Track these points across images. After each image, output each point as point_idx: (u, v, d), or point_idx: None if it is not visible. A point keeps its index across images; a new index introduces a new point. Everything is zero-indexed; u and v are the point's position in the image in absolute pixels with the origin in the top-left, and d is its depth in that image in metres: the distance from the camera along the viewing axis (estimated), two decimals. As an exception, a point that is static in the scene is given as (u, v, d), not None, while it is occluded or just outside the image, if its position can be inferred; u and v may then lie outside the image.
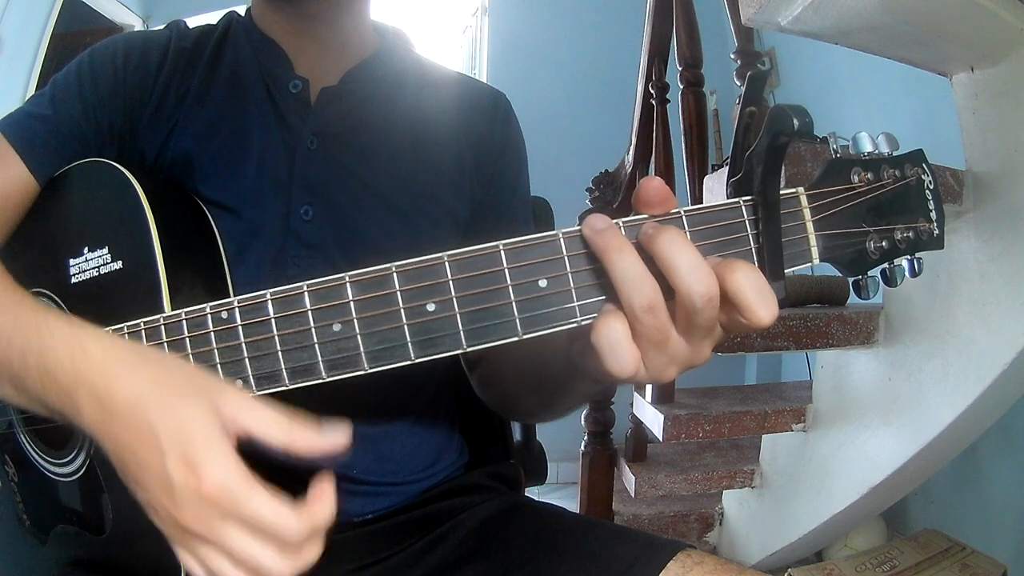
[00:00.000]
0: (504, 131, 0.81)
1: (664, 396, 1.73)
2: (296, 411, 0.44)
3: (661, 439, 1.68)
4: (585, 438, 1.93)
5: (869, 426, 1.50)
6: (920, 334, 1.40)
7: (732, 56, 1.71)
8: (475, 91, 0.82)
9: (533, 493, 0.89)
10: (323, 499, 0.44)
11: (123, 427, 0.44)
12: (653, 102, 1.93)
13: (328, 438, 0.44)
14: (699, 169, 1.67)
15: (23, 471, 0.68)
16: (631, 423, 1.92)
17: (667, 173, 1.85)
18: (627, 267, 0.41)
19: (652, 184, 0.44)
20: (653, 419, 1.69)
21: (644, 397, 1.78)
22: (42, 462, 0.65)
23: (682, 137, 1.72)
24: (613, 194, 2.04)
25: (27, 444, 0.66)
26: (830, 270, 0.47)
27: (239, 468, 0.42)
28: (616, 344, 0.42)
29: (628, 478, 1.87)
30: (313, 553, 0.44)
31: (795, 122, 0.41)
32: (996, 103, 1.23)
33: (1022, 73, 1.18)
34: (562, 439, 1.96)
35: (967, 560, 1.58)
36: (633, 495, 1.85)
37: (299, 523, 0.42)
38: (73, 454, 0.62)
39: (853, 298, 1.70)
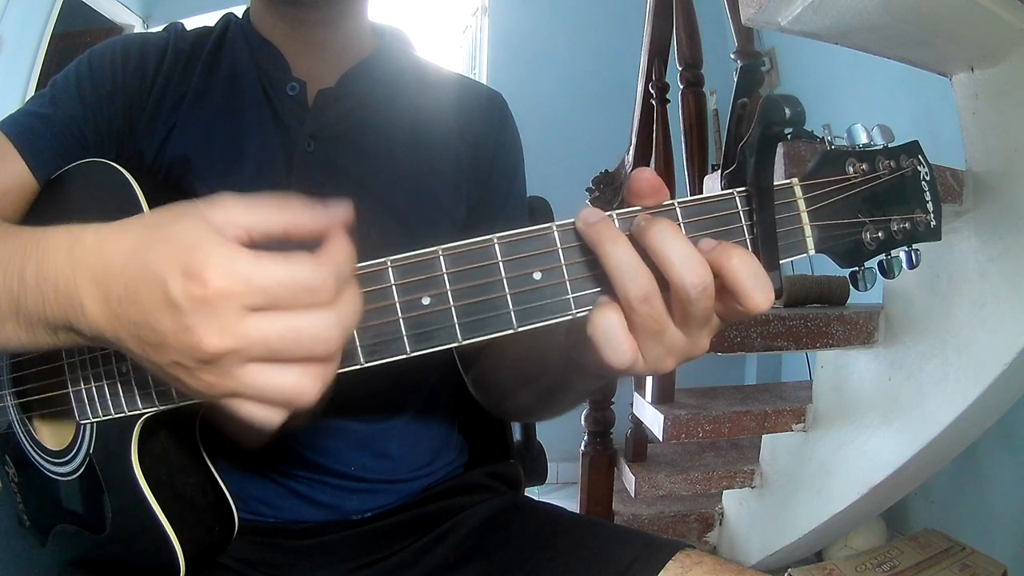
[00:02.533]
0: (500, 131, 0.81)
1: (664, 396, 1.73)
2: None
3: (661, 439, 1.68)
4: (585, 438, 1.93)
5: (869, 426, 1.50)
6: (920, 334, 1.40)
7: (732, 56, 1.71)
8: (472, 91, 0.82)
9: (533, 493, 0.89)
10: (338, 243, 0.40)
11: (123, 289, 0.39)
12: (653, 102, 1.94)
13: (328, 212, 0.41)
14: (699, 169, 1.67)
15: (23, 471, 0.68)
16: (631, 423, 1.92)
17: (667, 173, 1.85)
18: (621, 258, 0.41)
19: (644, 175, 0.44)
20: (653, 419, 1.69)
21: (644, 397, 1.78)
22: (42, 462, 0.65)
23: (682, 137, 1.72)
24: (613, 194, 2.04)
25: (27, 444, 0.66)
26: (830, 268, 0.47)
27: (243, 251, 0.38)
28: (612, 335, 0.42)
29: (628, 478, 1.87)
30: (353, 304, 0.40)
31: (787, 111, 0.41)
32: (996, 103, 1.23)
33: (1022, 73, 1.18)
34: (562, 439, 1.95)
35: (967, 560, 1.58)
36: (633, 495, 1.85)
37: (322, 269, 0.38)
38: (73, 453, 0.62)
39: (853, 298, 1.70)
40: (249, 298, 0.37)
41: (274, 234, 0.40)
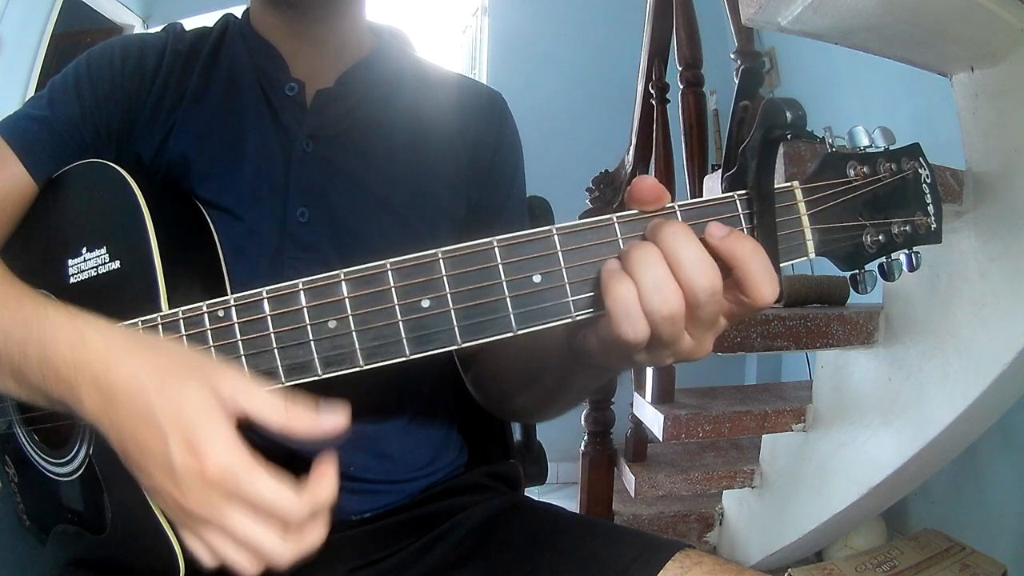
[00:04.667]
0: (500, 130, 0.81)
1: (664, 396, 1.73)
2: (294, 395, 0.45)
3: (661, 439, 1.68)
4: (585, 438, 1.93)
5: (869, 426, 1.50)
6: (920, 334, 1.40)
7: (732, 56, 1.71)
8: (472, 91, 0.82)
9: (533, 493, 0.89)
10: (324, 479, 0.44)
11: (124, 413, 0.44)
12: (653, 102, 1.93)
13: (325, 420, 0.44)
14: (699, 169, 1.67)
15: (23, 471, 0.68)
16: (631, 423, 1.92)
17: (667, 173, 1.85)
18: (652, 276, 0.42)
19: (646, 183, 0.44)
20: (653, 419, 1.69)
21: (644, 397, 1.78)
22: (42, 462, 0.65)
23: (682, 137, 1.72)
24: (613, 194, 2.04)
25: (27, 444, 0.66)
26: (830, 269, 0.47)
27: (241, 449, 0.43)
28: (632, 308, 0.42)
29: (628, 478, 1.87)
30: (316, 535, 0.45)
31: (788, 115, 0.41)
32: (996, 103, 1.23)
33: (1022, 73, 1.18)
34: (562, 439, 1.95)
35: (967, 560, 1.58)
36: (633, 495, 1.85)
37: (301, 503, 0.43)
38: (73, 453, 0.62)
39: (853, 298, 1.70)
40: (233, 496, 0.42)
41: (271, 429, 0.44)
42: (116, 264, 0.60)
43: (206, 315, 0.49)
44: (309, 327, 0.46)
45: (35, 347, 0.47)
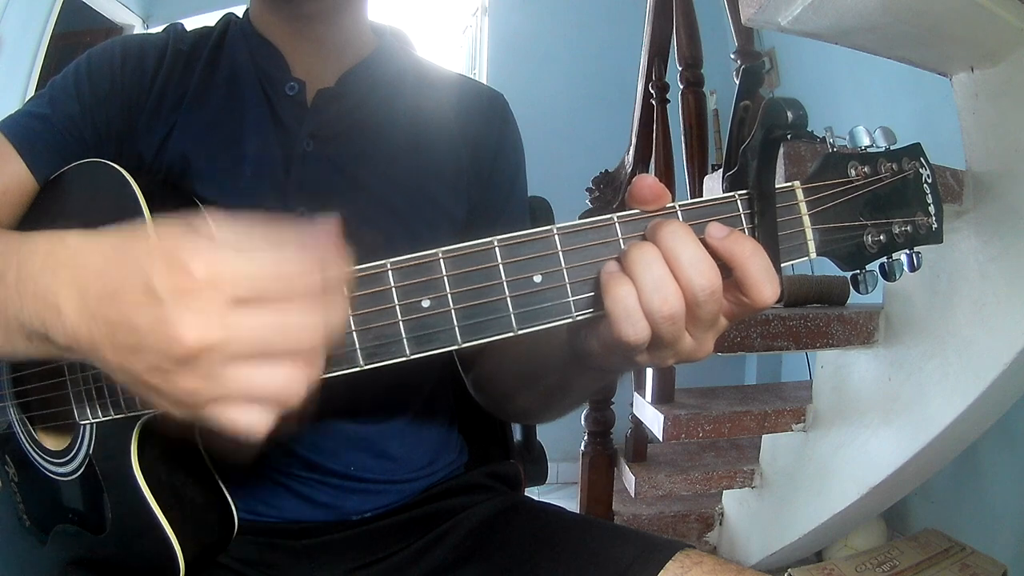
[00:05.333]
0: (501, 131, 0.81)
1: (664, 396, 1.74)
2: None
3: (661, 439, 1.68)
4: (585, 438, 1.93)
5: (869, 426, 1.50)
6: (920, 334, 1.40)
7: (732, 56, 1.71)
8: (473, 91, 0.82)
9: (533, 493, 0.89)
10: (327, 240, 0.39)
11: (103, 289, 0.38)
12: (653, 102, 1.93)
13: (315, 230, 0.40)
14: (699, 169, 1.67)
15: (23, 471, 0.68)
16: (631, 423, 1.92)
17: (667, 173, 1.85)
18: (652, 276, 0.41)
19: (646, 182, 0.44)
20: (653, 419, 1.69)
21: (644, 397, 1.78)
22: (42, 461, 0.65)
23: (682, 137, 1.72)
24: (613, 194, 2.04)
25: (27, 444, 0.66)
26: (830, 269, 0.47)
27: (228, 246, 0.36)
28: (632, 309, 0.42)
29: (628, 478, 1.87)
30: (341, 302, 0.39)
31: (789, 115, 0.41)
32: (996, 103, 1.23)
33: (1022, 73, 1.18)
34: (562, 439, 1.96)
35: (967, 560, 1.58)
36: (633, 495, 1.85)
37: (308, 259, 0.37)
38: (73, 453, 0.62)
39: (853, 298, 1.70)
40: (235, 289, 0.35)
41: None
42: (116, 264, 0.59)
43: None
44: (309, 327, 0.46)
45: (13, 270, 0.42)
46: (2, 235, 0.49)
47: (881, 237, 0.46)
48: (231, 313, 0.35)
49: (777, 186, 0.44)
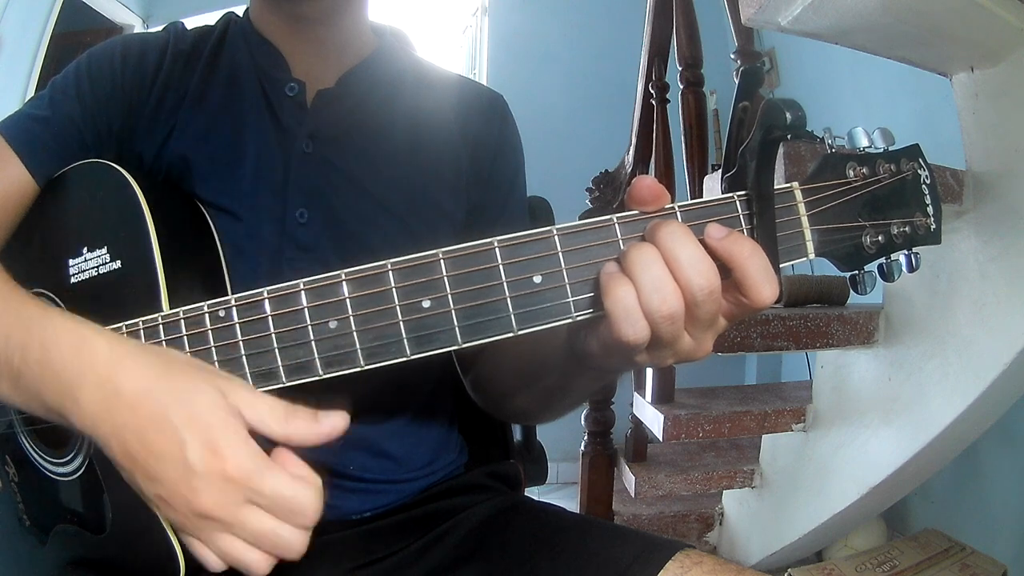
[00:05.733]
0: (501, 132, 0.81)
1: (664, 396, 1.73)
2: (295, 401, 0.45)
3: (661, 439, 1.68)
4: (585, 438, 1.93)
5: (869, 426, 1.50)
6: (920, 334, 1.40)
7: (732, 56, 1.71)
8: (472, 92, 0.82)
9: (533, 493, 0.89)
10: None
11: (132, 418, 0.43)
12: (653, 102, 1.93)
13: (325, 426, 0.45)
14: (699, 169, 1.67)
15: (23, 471, 0.68)
16: (631, 423, 1.92)
17: (667, 173, 1.85)
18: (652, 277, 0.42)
19: (645, 183, 0.44)
20: (653, 419, 1.69)
21: (644, 397, 1.78)
22: (42, 462, 0.65)
23: (682, 137, 1.72)
24: (613, 194, 2.04)
25: (27, 444, 0.66)
26: (830, 269, 0.47)
27: (258, 449, 0.43)
28: (632, 309, 0.42)
29: (628, 478, 1.87)
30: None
31: (788, 116, 0.41)
32: (996, 103, 1.23)
33: (1022, 73, 1.18)
34: (562, 439, 1.96)
35: (967, 560, 1.58)
36: (633, 495, 1.85)
37: (317, 498, 0.44)
38: (73, 453, 0.62)
39: (853, 298, 1.70)
40: (253, 495, 0.43)
41: (272, 437, 0.45)
42: (117, 264, 0.60)
43: (207, 315, 0.49)
44: (310, 327, 0.46)
45: (36, 350, 0.47)
46: (20, 301, 0.51)
47: (880, 238, 0.46)
48: (244, 507, 0.43)
49: (776, 187, 0.44)
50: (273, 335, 0.47)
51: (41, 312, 0.49)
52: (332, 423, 0.45)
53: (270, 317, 0.47)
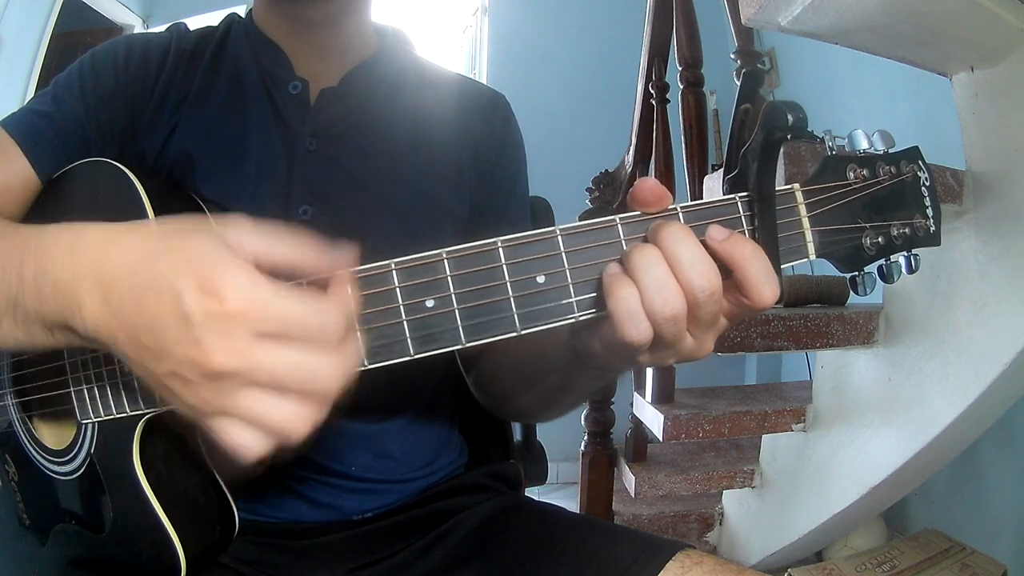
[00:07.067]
0: (503, 131, 0.81)
1: (664, 396, 1.74)
2: None
3: (661, 439, 1.68)
4: (585, 438, 1.93)
5: (869, 426, 1.50)
6: (920, 334, 1.40)
7: (732, 56, 1.71)
8: (474, 92, 0.83)
9: (533, 493, 0.89)
10: (345, 287, 0.41)
11: (130, 293, 0.39)
12: (653, 102, 1.93)
13: (336, 255, 0.42)
14: (699, 169, 1.67)
15: (23, 470, 0.68)
16: (631, 423, 1.92)
17: (667, 173, 1.85)
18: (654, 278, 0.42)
19: (647, 185, 0.44)
20: (653, 419, 1.69)
21: (644, 397, 1.79)
22: (42, 461, 0.65)
23: (682, 137, 1.72)
24: (613, 194, 2.04)
25: (27, 443, 0.67)
26: (830, 269, 0.48)
27: (263, 279, 0.38)
28: (636, 311, 0.42)
29: (628, 478, 1.87)
30: (356, 351, 0.41)
31: (789, 117, 0.41)
32: (996, 103, 1.23)
33: (1022, 73, 1.18)
34: (562, 439, 1.95)
35: (967, 560, 1.58)
36: (633, 495, 1.85)
37: (332, 311, 0.39)
38: (73, 453, 0.62)
39: (853, 298, 1.70)
40: (263, 325, 0.37)
41: (281, 265, 0.41)
42: (118, 263, 0.59)
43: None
44: (312, 327, 0.46)
45: (32, 263, 0.44)
46: (13, 228, 0.49)
47: (879, 239, 0.46)
48: (256, 344, 0.37)
49: (777, 188, 0.45)
50: (275, 335, 0.47)
51: (35, 230, 0.46)
52: (342, 254, 0.42)
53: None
